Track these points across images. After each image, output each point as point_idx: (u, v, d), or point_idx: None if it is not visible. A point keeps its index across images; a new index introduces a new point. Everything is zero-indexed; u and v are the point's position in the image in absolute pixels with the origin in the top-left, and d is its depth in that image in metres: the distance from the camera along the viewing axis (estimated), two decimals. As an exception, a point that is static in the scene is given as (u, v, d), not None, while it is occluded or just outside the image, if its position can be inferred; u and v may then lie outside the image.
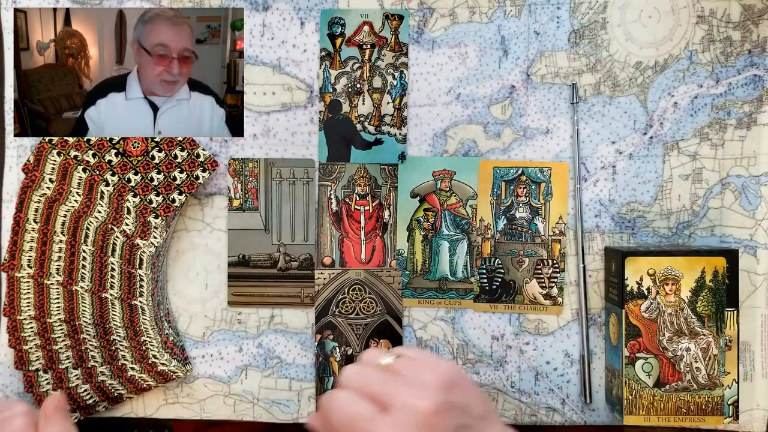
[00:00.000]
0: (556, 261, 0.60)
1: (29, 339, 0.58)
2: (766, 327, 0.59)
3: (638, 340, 0.56)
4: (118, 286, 0.58)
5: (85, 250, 0.58)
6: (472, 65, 0.60)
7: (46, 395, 0.58)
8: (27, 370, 0.58)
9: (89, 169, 0.58)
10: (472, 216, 0.61)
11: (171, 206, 0.58)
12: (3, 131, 0.60)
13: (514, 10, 0.60)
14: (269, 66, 0.61)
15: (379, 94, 0.60)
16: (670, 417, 0.55)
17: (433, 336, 0.61)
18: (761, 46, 0.59)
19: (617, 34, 0.59)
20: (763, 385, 0.59)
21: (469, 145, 0.60)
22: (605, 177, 0.60)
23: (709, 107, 0.59)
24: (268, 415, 0.61)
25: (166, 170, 0.58)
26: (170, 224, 0.59)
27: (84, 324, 0.58)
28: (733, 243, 0.59)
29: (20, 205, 0.58)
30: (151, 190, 0.58)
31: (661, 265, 0.55)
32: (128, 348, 0.58)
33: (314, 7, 0.60)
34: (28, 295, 0.58)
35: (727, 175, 0.60)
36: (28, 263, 0.58)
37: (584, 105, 0.60)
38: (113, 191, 0.58)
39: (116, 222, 0.58)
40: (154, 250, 0.58)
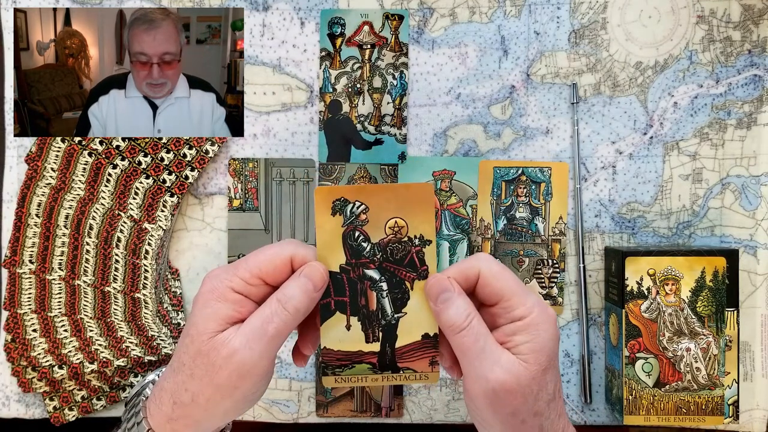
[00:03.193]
0: (556, 261, 0.60)
1: (30, 339, 0.58)
2: (766, 327, 0.59)
3: (638, 340, 0.56)
4: (121, 279, 0.59)
5: (88, 243, 0.58)
6: (472, 65, 0.60)
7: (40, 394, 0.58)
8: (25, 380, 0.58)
9: (95, 153, 0.58)
10: (472, 216, 0.61)
11: (185, 183, 0.59)
12: (3, 131, 0.60)
13: (514, 10, 0.60)
14: (269, 66, 0.61)
15: (379, 94, 0.60)
16: (670, 417, 0.55)
17: (433, 336, 0.61)
18: (761, 46, 0.59)
19: (617, 34, 0.59)
20: (763, 385, 0.59)
21: (469, 145, 0.61)
22: (605, 177, 0.60)
23: (709, 107, 0.59)
24: (268, 415, 0.61)
25: (175, 148, 0.59)
26: (174, 211, 0.60)
27: (85, 318, 0.58)
28: (733, 243, 0.59)
29: (22, 201, 0.58)
30: (162, 169, 0.59)
31: (661, 265, 0.55)
32: (137, 344, 0.58)
33: (314, 7, 0.60)
34: (29, 290, 0.58)
35: (727, 175, 0.60)
36: (30, 259, 0.58)
37: (584, 105, 0.60)
38: (121, 174, 0.58)
39: (122, 207, 0.58)
40: (162, 234, 0.58)
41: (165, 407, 0.41)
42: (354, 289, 0.43)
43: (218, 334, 0.39)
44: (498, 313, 0.41)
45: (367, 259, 0.43)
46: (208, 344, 0.39)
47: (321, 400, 0.61)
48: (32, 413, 0.61)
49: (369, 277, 0.43)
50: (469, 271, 0.41)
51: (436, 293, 0.41)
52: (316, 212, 0.42)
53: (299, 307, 0.40)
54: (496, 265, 0.41)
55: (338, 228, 0.42)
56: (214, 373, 0.39)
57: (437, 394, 0.61)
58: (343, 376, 0.43)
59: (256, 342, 0.39)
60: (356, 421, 0.61)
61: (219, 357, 0.39)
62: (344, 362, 0.43)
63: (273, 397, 0.61)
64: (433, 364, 0.43)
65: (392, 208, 0.42)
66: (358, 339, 0.43)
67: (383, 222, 0.42)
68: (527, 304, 0.40)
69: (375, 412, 0.61)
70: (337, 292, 0.42)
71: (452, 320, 0.40)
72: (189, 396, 0.40)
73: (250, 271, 0.40)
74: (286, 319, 0.39)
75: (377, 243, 0.42)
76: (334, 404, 0.61)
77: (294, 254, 0.41)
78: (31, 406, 0.61)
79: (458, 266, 0.42)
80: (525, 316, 0.40)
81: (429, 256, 0.42)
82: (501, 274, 0.41)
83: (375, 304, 0.43)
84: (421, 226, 0.42)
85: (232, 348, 0.39)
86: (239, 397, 0.40)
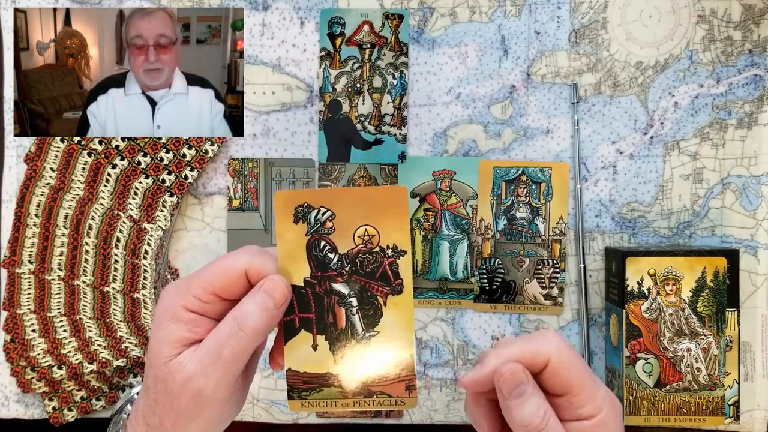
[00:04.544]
0: (557, 261, 0.60)
1: (30, 340, 0.58)
2: (766, 327, 0.59)
3: (639, 340, 0.55)
4: (120, 279, 0.59)
5: (87, 243, 0.58)
6: (472, 65, 0.60)
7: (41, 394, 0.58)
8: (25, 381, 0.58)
9: (95, 153, 0.58)
10: (473, 216, 0.61)
11: (185, 183, 0.59)
12: (3, 131, 0.60)
13: (515, 10, 0.60)
14: (269, 66, 0.61)
15: (379, 93, 0.60)
16: (671, 417, 0.55)
17: (433, 336, 0.61)
18: (762, 46, 0.59)
19: (618, 33, 0.59)
20: (764, 386, 0.59)
21: (470, 145, 0.60)
22: (606, 177, 0.60)
23: (709, 107, 0.59)
24: (268, 415, 0.61)
25: (175, 148, 0.59)
26: (174, 211, 0.59)
27: (84, 318, 0.58)
28: (734, 243, 0.59)
29: (21, 201, 0.58)
30: (162, 169, 0.59)
31: (661, 265, 0.55)
32: (136, 343, 0.58)
33: (314, 7, 0.60)
34: (28, 291, 0.58)
35: (727, 175, 0.59)
36: (29, 259, 0.58)
37: (585, 105, 0.60)
38: (120, 174, 0.58)
39: (122, 207, 0.58)
40: (162, 234, 0.58)
41: (140, 428, 0.39)
42: (320, 305, 0.39)
43: (173, 358, 0.36)
44: (563, 405, 0.37)
45: (334, 272, 0.39)
46: (164, 369, 0.36)
47: (321, 401, 0.61)
48: (31, 414, 0.61)
49: (337, 292, 0.39)
50: (539, 357, 0.36)
51: (511, 387, 0.36)
52: (275, 219, 0.38)
53: (257, 326, 0.36)
54: (567, 353, 0.36)
55: (302, 237, 0.38)
56: (173, 399, 0.36)
57: (437, 394, 0.61)
58: (310, 401, 0.39)
59: (211, 368, 0.36)
60: (356, 422, 0.61)
61: (175, 384, 0.36)
62: (311, 385, 0.39)
63: (273, 397, 0.61)
64: (409, 389, 0.39)
65: (361, 214, 0.38)
66: (326, 360, 0.39)
67: (352, 230, 0.38)
68: (596, 401, 0.36)
69: (375, 412, 0.61)
70: (302, 308, 0.39)
71: (528, 420, 0.35)
72: (157, 419, 0.38)
73: (203, 288, 0.37)
74: (242, 342, 0.36)
75: (345, 254, 0.39)
76: (333, 405, 0.61)
77: (249, 266, 0.37)
78: (30, 406, 0.61)
79: (525, 347, 0.37)
80: (594, 415, 0.36)
81: (404, 268, 0.38)
82: (573, 364, 0.36)
83: (344, 321, 0.39)
84: (394, 235, 0.38)
85: (187, 374, 0.36)
86: (204, 422, 0.37)
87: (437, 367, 0.61)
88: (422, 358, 0.61)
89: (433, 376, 0.61)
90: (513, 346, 0.37)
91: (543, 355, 0.36)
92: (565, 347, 0.37)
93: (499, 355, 0.37)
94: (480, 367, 0.37)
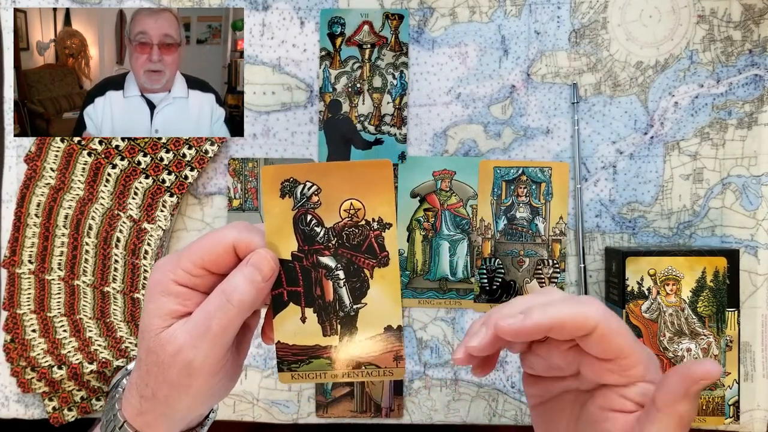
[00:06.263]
0: (557, 261, 0.60)
1: (30, 340, 0.58)
2: (766, 327, 0.59)
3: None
4: (120, 279, 0.59)
5: (87, 243, 0.58)
6: (473, 65, 0.60)
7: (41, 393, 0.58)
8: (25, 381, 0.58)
9: (95, 153, 0.58)
10: (473, 216, 0.61)
11: (185, 183, 0.59)
12: (3, 131, 0.60)
13: (515, 10, 0.60)
14: (269, 66, 0.61)
15: (379, 93, 0.60)
16: (671, 417, 0.55)
17: (433, 336, 0.61)
18: (762, 46, 0.59)
19: (618, 33, 0.59)
20: (764, 386, 0.59)
21: (470, 145, 0.60)
22: (606, 177, 0.60)
23: (709, 107, 0.59)
24: (268, 415, 0.61)
25: (175, 148, 0.59)
26: (174, 211, 0.59)
27: (84, 318, 0.58)
28: (734, 243, 0.59)
29: (21, 201, 0.58)
30: (162, 169, 0.59)
31: (661, 266, 0.55)
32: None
33: (314, 7, 0.60)
34: (29, 291, 0.58)
35: (727, 175, 0.59)
36: (29, 259, 0.58)
37: (585, 105, 0.60)
38: (120, 174, 0.58)
39: (122, 207, 0.58)
40: (162, 234, 0.58)
41: (134, 401, 0.40)
42: (308, 279, 0.39)
43: (164, 330, 0.37)
44: (612, 369, 0.37)
45: (321, 246, 0.39)
46: (155, 341, 0.37)
47: (321, 401, 0.61)
48: (31, 413, 0.61)
49: (324, 265, 0.39)
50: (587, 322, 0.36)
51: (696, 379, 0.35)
52: (263, 194, 0.39)
53: (245, 299, 0.37)
54: (615, 320, 0.37)
55: (288, 211, 0.39)
56: (165, 370, 0.37)
57: (437, 394, 0.61)
58: (299, 372, 0.40)
59: (200, 340, 0.37)
60: (356, 422, 0.61)
61: (166, 354, 0.37)
62: (300, 357, 0.40)
63: (273, 397, 0.61)
64: (397, 360, 0.40)
65: (347, 188, 0.39)
66: (315, 332, 0.40)
67: (337, 204, 0.39)
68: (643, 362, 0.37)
69: (375, 412, 0.61)
70: (290, 281, 0.39)
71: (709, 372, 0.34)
72: (150, 391, 0.39)
73: (192, 262, 0.37)
74: (230, 314, 0.37)
75: (332, 227, 0.39)
76: (333, 405, 0.61)
77: (237, 241, 0.38)
78: (30, 406, 0.61)
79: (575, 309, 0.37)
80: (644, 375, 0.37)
81: (389, 241, 0.39)
82: (621, 329, 0.37)
83: (332, 294, 0.40)
84: (379, 208, 0.39)
85: (177, 345, 0.37)
86: (196, 393, 0.38)
87: (437, 367, 0.61)
88: (422, 358, 0.61)
89: (433, 376, 0.61)
90: (562, 306, 0.37)
91: (591, 321, 0.36)
92: (612, 315, 0.37)
93: (546, 312, 0.37)
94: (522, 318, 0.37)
